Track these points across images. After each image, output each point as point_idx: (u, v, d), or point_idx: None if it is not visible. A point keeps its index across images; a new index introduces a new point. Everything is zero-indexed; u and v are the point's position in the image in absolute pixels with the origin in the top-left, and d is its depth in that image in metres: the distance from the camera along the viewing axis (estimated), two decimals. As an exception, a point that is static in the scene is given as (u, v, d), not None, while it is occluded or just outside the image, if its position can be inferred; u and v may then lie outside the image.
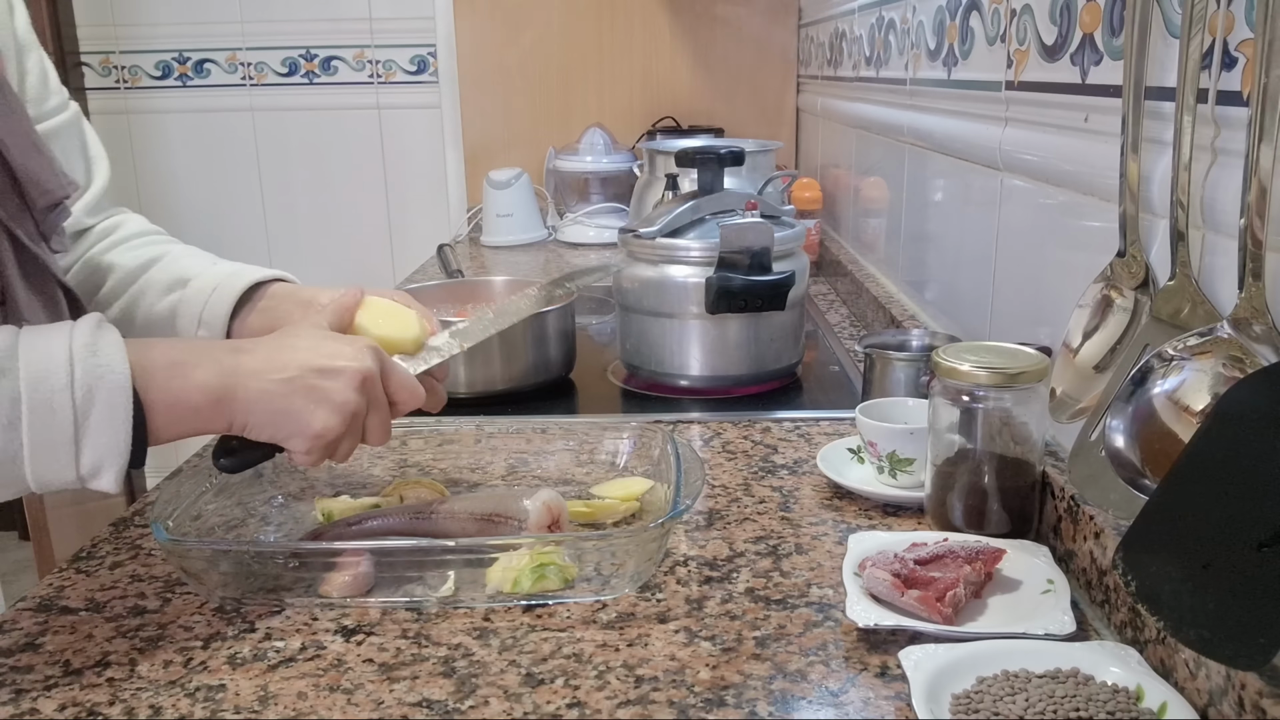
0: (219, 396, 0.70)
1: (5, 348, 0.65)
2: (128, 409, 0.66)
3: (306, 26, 2.66)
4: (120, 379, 0.66)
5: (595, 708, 0.62)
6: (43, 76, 0.89)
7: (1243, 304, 0.59)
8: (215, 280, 0.89)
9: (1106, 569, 0.70)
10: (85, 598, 0.77)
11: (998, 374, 0.78)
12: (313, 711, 0.62)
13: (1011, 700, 0.58)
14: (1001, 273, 1.05)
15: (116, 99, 2.68)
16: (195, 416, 0.70)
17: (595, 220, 2.29)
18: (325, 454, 0.74)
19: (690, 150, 1.22)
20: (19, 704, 0.64)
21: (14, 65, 0.86)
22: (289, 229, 2.74)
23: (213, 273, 0.90)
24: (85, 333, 0.67)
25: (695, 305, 1.16)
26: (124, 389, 0.66)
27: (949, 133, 1.22)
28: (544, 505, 0.81)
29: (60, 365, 0.65)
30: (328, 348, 0.74)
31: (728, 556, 0.81)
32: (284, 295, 0.90)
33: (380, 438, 0.76)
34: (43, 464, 0.64)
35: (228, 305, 0.88)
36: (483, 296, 1.36)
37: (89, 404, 0.65)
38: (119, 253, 0.94)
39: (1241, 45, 0.62)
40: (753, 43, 2.48)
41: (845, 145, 1.89)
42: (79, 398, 0.64)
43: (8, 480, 0.64)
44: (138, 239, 0.96)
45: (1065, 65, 0.88)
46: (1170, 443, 0.60)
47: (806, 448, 1.03)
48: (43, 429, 0.64)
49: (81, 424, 0.65)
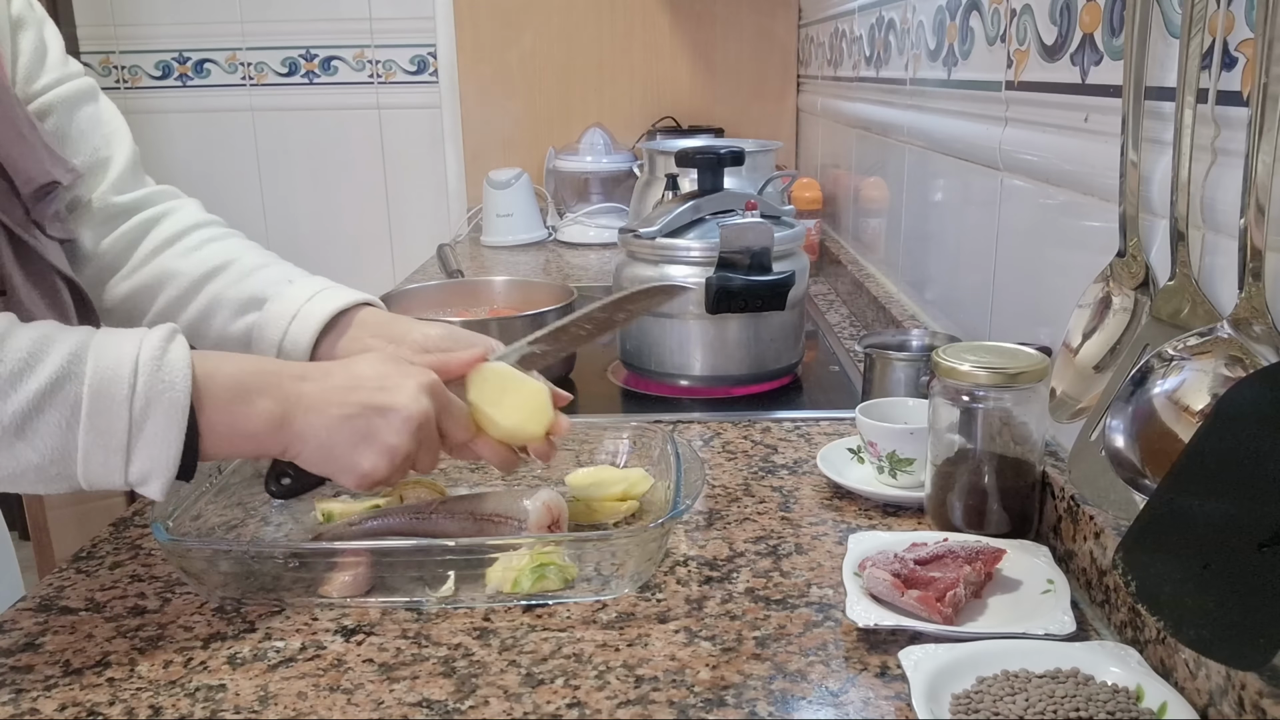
0: (277, 426, 0.70)
1: (75, 350, 0.65)
2: (181, 427, 0.66)
3: (306, 26, 2.66)
4: (179, 397, 0.66)
5: (595, 708, 0.62)
6: (40, 52, 0.86)
7: (1243, 304, 0.59)
8: (295, 305, 0.86)
9: (1106, 569, 0.70)
10: (85, 598, 0.77)
11: (998, 374, 0.78)
12: (313, 711, 0.62)
13: (1011, 700, 0.58)
14: (1001, 273, 1.05)
15: (116, 99, 2.64)
16: (250, 442, 0.71)
17: (595, 220, 2.29)
18: (374, 487, 0.75)
19: (690, 150, 1.22)
20: (19, 704, 0.64)
21: (7, 47, 0.84)
22: (289, 229, 2.74)
23: (290, 295, 0.87)
24: (155, 344, 0.67)
25: (695, 305, 1.16)
26: (182, 408, 0.66)
27: (949, 133, 1.22)
28: (544, 505, 0.81)
29: (125, 375, 0.65)
30: (390, 381, 0.73)
31: (728, 556, 0.81)
32: (374, 326, 0.87)
33: (428, 468, 0.76)
34: (94, 466, 0.65)
35: (310, 336, 0.85)
36: (483, 296, 1.36)
37: (145, 417, 0.65)
38: (176, 255, 0.90)
39: (1241, 45, 0.62)
40: (753, 43, 2.48)
41: (845, 145, 1.89)
42: (137, 409, 0.65)
43: (61, 476, 0.66)
44: (193, 233, 0.92)
45: (1065, 65, 0.88)
46: (1170, 443, 0.60)
47: (806, 448, 1.03)
48: (97, 434, 0.65)
49: (135, 435, 0.65)
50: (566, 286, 1.30)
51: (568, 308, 1.24)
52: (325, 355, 0.86)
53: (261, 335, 0.87)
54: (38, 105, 0.86)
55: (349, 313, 0.87)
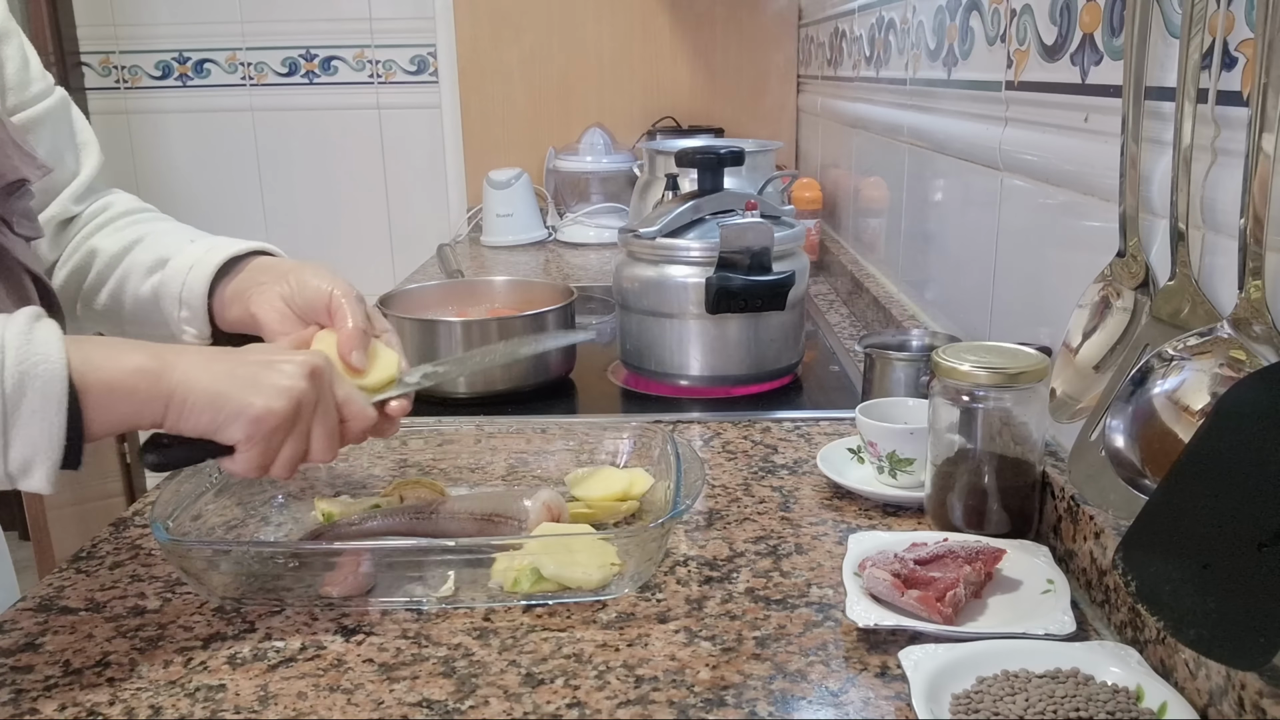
0: (156, 376, 0.66)
1: None
2: (62, 399, 0.62)
3: (306, 26, 2.66)
4: (56, 367, 0.63)
5: (595, 708, 0.62)
6: (23, 64, 0.87)
7: (1243, 304, 0.59)
8: (192, 258, 0.86)
9: (1106, 569, 0.70)
10: (85, 598, 0.77)
11: (998, 374, 0.78)
12: (313, 711, 0.62)
13: (1011, 700, 0.58)
14: (1001, 273, 1.05)
15: (116, 99, 2.68)
16: (132, 399, 0.66)
17: (595, 220, 2.29)
18: (265, 452, 0.69)
19: (690, 150, 1.22)
20: (19, 704, 0.64)
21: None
22: (289, 229, 2.74)
23: (190, 250, 0.87)
24: (21, 321, 0.64)
25: (695, 305, 1.16)
26: (59, 378, 0.63)
27: (949, 133, 1.22)
28: (544, 505, 0.81)
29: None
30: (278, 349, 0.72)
31: (728, 556, 0.81)
32: (263, 267, 0.86)
33: (326, 450, 0.71)
34: None
35: (204, 282, 0.85)
36: (483, 296, 1.36)
37: (20, 393, 0.62)
38: (103, 236, 0.92)
39: (1241, 45, 0.62)
40: (753, 42, 2.48)
41: (845, 145, 1.89)
42: (9, 387, 0.61)
43: None
44: (123, 218, 0.94)
45: (1065, 65, 0.88)
46: (1170, 443, 0.60)
47: (806, 448, 1.03)
48: None
49: (11, 414, 0.62)
50: (566, 286, 1.30)
51: (568, 308, 1.25)
52: (220, 299, 0.86)
53: (164, 291, 0.87)
54: (29, 115, 0.87)
55: (245, 258, 0.87)
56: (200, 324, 0.86)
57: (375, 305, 1.31)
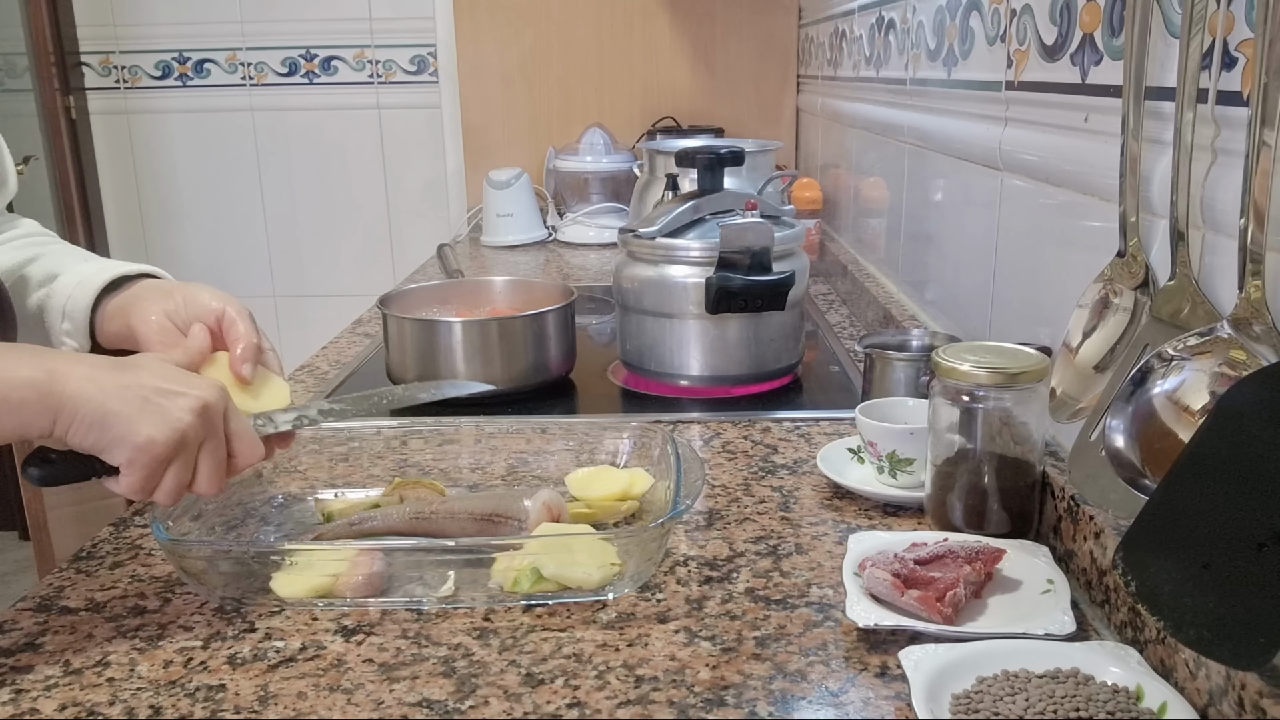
0: (44, 390, 0.64)
1: None
2: None
3: (306, 26, 2.66)
4: None
5: (595, 708, 0.62)
6: None
7: (1243, 304, 0.59)
8: (80, 275, 0.87)
9: (1106, 569, 0.70)
10: (85, 598, 0.77)
11: (998, 374, 0.78)
12: (313, 711, 0.62)
13: (1011, 700, 0.58)
14: (1001, 273, 1.05)
15: (116, 99, 2.68)
16: (20, 412, 0.64)
17: (595, 220, 2.29)
18: (149, 478, 0.67)
19: (690, 150, 1.22)
20: (19, 704, 0.64)
21: None
22: (289, 229, 2.74)
23: (80, 269, 0.88)
24: None
25: (695, 305, 1.16)
26: None
27: (949, 133, 1.22)
28: (544, 505, 0.81)
29: None
30: (174, 374, 0.70)
31: (728, 556, 0.81)
32: (150, 286, 0.86)
33: (210, 484, 0.70)
34: None
35: (89, 297, 0.85)
36: (483, 297, 1.36)
37: None
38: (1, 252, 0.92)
39: (1241, 45, 0.62)
40: (753, 43, 2.48)
41: (845, 145, 1.89)
42: None
43: None
44: (24, 239, 0.94)
45: (1065, 65, 0.88)
46: (1170, 443, 0.60)
47: (806, 448, 1.03)
48: None
49: None
50: (566, 286, 1.30)
51: (568, 308, 1.25)
52: (103, 313, 0.85)
53: (50, 304, 0.87)
54: None
55: (134, 279, 0.87)
56: (81, 337, 0.86)
57: (375, 305, 1.31)
